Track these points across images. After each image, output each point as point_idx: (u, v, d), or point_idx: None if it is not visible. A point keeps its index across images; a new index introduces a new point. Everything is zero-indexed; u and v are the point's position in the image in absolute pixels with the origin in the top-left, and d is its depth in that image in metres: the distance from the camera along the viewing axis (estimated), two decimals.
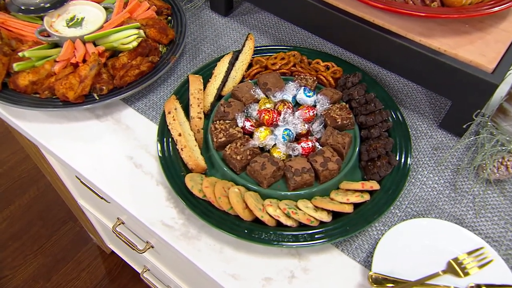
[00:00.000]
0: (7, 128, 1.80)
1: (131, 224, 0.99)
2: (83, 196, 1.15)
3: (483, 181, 0.66)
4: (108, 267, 1.48)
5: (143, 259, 1.19)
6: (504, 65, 0.62)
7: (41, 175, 1.67)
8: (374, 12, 0.69)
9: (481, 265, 0.54)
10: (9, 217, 1.56)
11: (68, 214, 1.57)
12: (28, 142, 1.01)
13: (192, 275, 0.96)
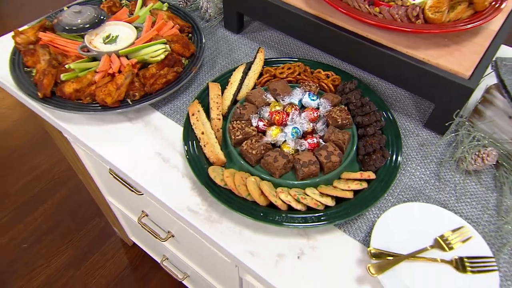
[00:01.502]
0: (43, 135, 1.82)
1: (155, 216, 0.98)
2: (111, 193, 1.15)
3: (463, 172, 0.66)
4: (130, 257, 1.47)
5: (163, 248, 1.18)
6: (478, 72, 0.63)
7: (71, 177, 1.67)
8: (367, 28, 0.70)
9: (463, 240, 0.55)
10: (43, 214, 1.56)
11: (94, 211, 1.57)
12: (65, 144, 1.00)
13: (208, 261, 0.95)
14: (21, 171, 1.69)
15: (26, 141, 1.80)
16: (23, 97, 0.74)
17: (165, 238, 0.97)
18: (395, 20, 0.67)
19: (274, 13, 0.78)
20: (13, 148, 1.77)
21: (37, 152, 1.76)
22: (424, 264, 0.54)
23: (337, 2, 0.68)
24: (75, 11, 0.77)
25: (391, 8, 0.66)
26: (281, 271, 0.55)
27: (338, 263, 0.57)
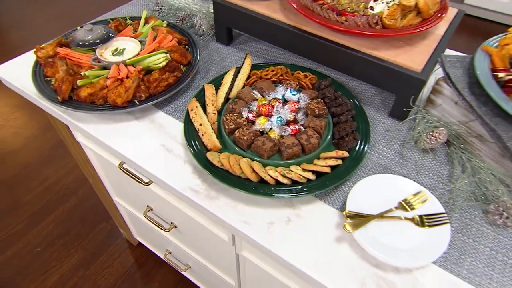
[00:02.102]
0: (52, 150, 1.84)
1: (159, 209, 1.01)
2: (118, 193, 1.17)
3: (421, 150, 0.72)
4: (136, 256, 1.49)
5: (166, 242, 1.20)
6: (428, 67, 0.70)
7: (79, 187, 1.69)
8: (337, 34, 0.76)
9: (422, 201, 0.61)
10: (54, 221, 1.58)
11: (101, 216, 1.59)
12: (78, 149, 1.04)
13: (207, 246, 0.97)
14: (33, 184, 1.71)
15: (36, 156, 1.82)
16: (44, 104, 0.79)
17: (169, 228, 1.00)
18: (359, 26, 0.73)
19: (258, 26, 0.84)
20: (25, 164, 1.79)
21: (47, 166, 1.78)
22: (390, 222, 0.59)
23: (311, 14, 0.75)
24: (87, 29, 0.83)
25: (355, 17, 0.73)
26: (272, 236, 0.59)
27: (320, 227, 0.61)
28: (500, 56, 0.68)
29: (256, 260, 0.78)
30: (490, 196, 0.63)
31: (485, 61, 0.69)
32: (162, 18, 0.96)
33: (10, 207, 1.62)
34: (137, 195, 1.02)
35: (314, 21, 0.74)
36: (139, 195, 1.02)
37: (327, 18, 0.75)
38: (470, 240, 0.59)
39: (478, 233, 0.60)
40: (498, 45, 0.71)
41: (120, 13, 1.04)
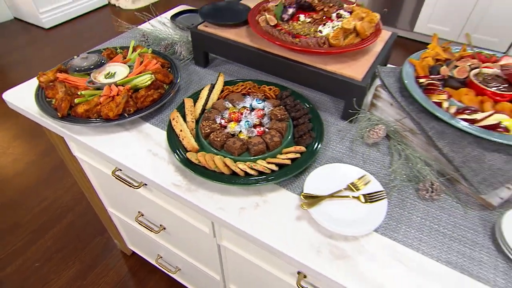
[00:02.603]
0: (50, 173, 1.87)
1: (149, 214, 1.06)
2: (111, 202, 1.21)
3: (367, 145, 0.80)
4: (130, 265, 1.51)
5: (156, 247, 1.24)
6: (367, 77, 0.79)
7: (76, 205, 1.71)
8: (293, 53, 0.85)
9: (365, 183, 0.68)
10: (53, 237, 1.59)
11: (97, 230, 1.62)
12: (76, 165, 1.09)
13: (192, 243, 1.01)
14: (32, 204, 1.73)
15: (35, 179, 1.85)
16: (46, 121, 0.85)
17: (158, 230, 1.05)
18: (310, 46, 0.82)
19: (229, 50, 0.93)
20: (25, 186, 1.81)
21: (45, 187, 1.81)
22: (340, 200, 0.66)
23: (271, 38, 0.84)
24: (83, 57, 0.91)
25: (307, 39, 0.83)
26: (244, 219, 0.65)
27: (283, 210, 0.67)
28: (421, 66, 0.79)
29: (234, 248, 0.84)
30: (420, 176, 0.72)
31: (411, 71, 0.80)
32: (148, 46, 1.05)
33: (11, 227, 1.63)
34: (129, 202, 1.07)
35: (274, 43, 0.84)
36: (130, 202, 1.07)
37: (284, 40, 0.85)
38: (405, 212, 0.67)
39: (411, 206, 0.68)
40: (420, 57, 0.83)
41: (111, 44, 1.12)
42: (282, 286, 0.82)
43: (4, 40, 2.91)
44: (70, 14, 3.20)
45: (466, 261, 0.60)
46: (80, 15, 3.27)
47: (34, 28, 3.09)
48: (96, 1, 3.38)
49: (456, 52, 0.84)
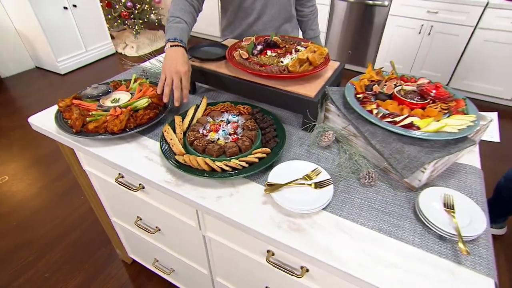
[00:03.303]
0: (62, 193, 1.92)
1: (146, 218, 1.11)
2: (114, 211, 1.27)
3: (320, 148, 0.90)
4: (130, 273, 1.54)
5: (153, 250, 1.28)
6: (319, 94, 0.91)
7: (82, 222, 1.76)
8: (261, 79, 0.96)
9: (317, 174, 0.77)
10: (61, 251, 1.62)
11: (101, 243, 1.66)
12: (85, 178, 1.16)
13: (182, 239, 1.06)
14: (44, 223, 1.77)
15: (47, 201, 1.89)
16: (62, 137, 0.94)
17: (154, 231, 1.11)
18: (273, 73, 0.94)
19: (212, 78, 1.05)
20: (38, 207, 1.86)
21: (56, 208, 1.86)
22: (296, 187, 0.75)
23: (244, 67, 0.96)
24: (94, 87, 1.03)
25: (271, 67, 0.97)
26: (221, 205, 0.73)
27: (252, 197, 0.75)
28: (359, 85, 0.93)
29: (217, 237, 0.91)
30: (360, 169, 0.82)
31: (351, 89, 0.93)
32: (147, 79, 1.17)
33: (25, 243, 1.66)
34: (129, 207, 1.14)
35: (246, 71, 0.97)
36: (130, 207, 1.13)
37: (253, 69, 0.97)
38: (349, 195, 0.76)
39: (354, 191, 0.78)
40: (359, 79, 0.96)
41: (117, 78, 1.23)
42: (256, 265, 0.89)
43: (26, 85, 3.06)
44: (82, 62, 3.39)
45: (393, 228, 0.69)
46: (91, 62, 3.46)
47: (51, 74, 3.25)
48: (105, 51, 3.59)
49: (386, 76, 0.98)
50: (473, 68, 2.80)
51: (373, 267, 0.62)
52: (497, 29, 2.58)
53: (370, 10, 3.05)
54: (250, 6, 1.27)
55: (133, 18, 3.79)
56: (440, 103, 0.84)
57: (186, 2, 1.10)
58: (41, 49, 3.14)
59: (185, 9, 1.08)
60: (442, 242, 0.66)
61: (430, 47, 2.86)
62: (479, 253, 0.63)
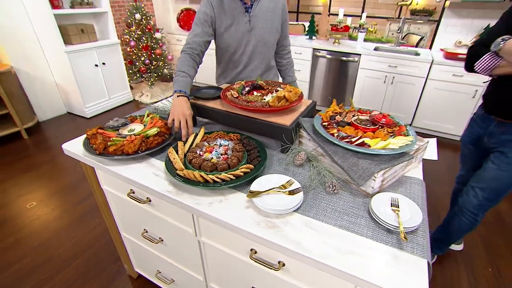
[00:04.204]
0: (81, 216, 1.94)
1: (151, 230, 1.14)
2: (125, 227, 1.29)
3: (296, 166, 0.96)
4: (135, 286, 1.52)
5: (156, 262, 1.28)
6: (293, 124, 1.00)
7: (96, 243, 1.76)
8: (248, 112, 1.05)
9: (290, 184, 0.83)
10: (76, 267, 1.60)
11: (111, 260, 1.64)
12: (101, 195, 1.21)
13: (181, 248, 1.08)
14: (63, 243, 1.76)
15: (67, 223, 1.90)
16: (87, 159, 1.01)
17: (158, 242, 1.14)
18: (257, 108, 1.04)
19: (209, 114, 1.15)
20: (59, 229, 1.86)
21: (74, 229, 1.86)
22: (274, 194, 0.81)
23: (234, 103, 1.08)
24: (115, 120, 1.14)
25: (255, 103, 1.08)
26: (212, 209, 0.79)
27: (237, 203, 0.81)
28: (325, 116, 1.03)
29: (211, 241, 0.95)
30: (326, 181, 0.90)
31: (319, 119, 1.04)
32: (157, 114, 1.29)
33: (44, 261, 1.65)
34: (137, 221, 1.18)
35: (236, 106, 1.08)
36: (138, 221, 1.17)
37: (241, 104, 1.09)
38: (317, 201, 0.82)
39: (321, 197, 0.84)
40: (325, 112, 1.07)
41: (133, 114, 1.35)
42: (243, 265, 0.92)
43: (58, 127, 3.20)
44: (105, 107, 3.56)
45: (351, 225, 0.75)
46: (112, 108, 3.64)
47: (79, 118, 3.40)
48: (125, 98, 3.80)
49: (347, 109, 1.10)
50: (429, 110, 2.97)
51: (334, 255, 0.67)
52: (443, 80, 2.80)
53: (344, 65, 3.30)
54: (238, 59, 1.43)
55: (149, 72, 4.06)
56: (387, 128, 0.94)
57: (190, 58, 1.25)
58: (73, 97, 3.33)
59: (189, 64, 1.23)
60: (389, 234, 0.71)
61: (394, 93, 3.06)
62: (417, 241, 0.68)
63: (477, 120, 1.33)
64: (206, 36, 1.30)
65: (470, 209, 1.33)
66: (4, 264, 1.62)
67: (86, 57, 3.20)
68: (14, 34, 2.90)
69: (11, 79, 2.80)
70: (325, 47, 3.30)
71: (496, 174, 1.22)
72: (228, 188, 0.87)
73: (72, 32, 3.06)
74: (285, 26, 1.45)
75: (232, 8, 1.31)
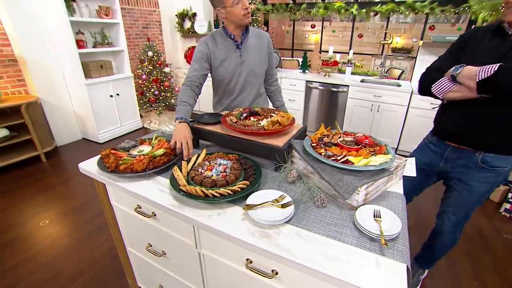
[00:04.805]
0: (87, 234, 1.92)
1: (155, 244, 1.14)
2: (130, 242, 1.28)
3: (288, 183, 0.99)
4: None
5: (159, 276, 1.26)
6: (285, 145, 1.08)
7: (102, 259, 1.73)
8: (246, 135, 1.09)
9: (282, 198, 0.86)
10: (82, 283, 1.57)
11: (116, 276, 1.61)
12: (110, 211, 1.22)
13: (182, 261, 1.07)
14: (71, 259, 1.73)
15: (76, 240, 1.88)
16: (100, 177, 1.05)
17: (160, 255, 1.13)
18: (254, 131, 1.09)
19: (211, 137, 1.19)
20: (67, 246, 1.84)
21: (82, 246, 1.84)
22: (267, 207, 0.83)
23: (234, 127, 1.13)
24: (127, 142, 1.18)
25: (252, 127, 1.13)
26: (211, 221, 0.81)
27: (235, 215, 0.83)
28: (314, 138, 1.08)
29: (210, 253, 0.95)
30: (316, 196, 0.92)
31: (308, 140, 1.08)
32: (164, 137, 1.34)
33: (53, 276, 1.61)
34: (142, 235, 1.18)
35: (234, 130, 1.12)
36: (143, 235, 1.17)
37: (240, 128, 1.14)
38: (307, 214, 0.84)
39: (311, 211, 0.86)
40: (314, 134, 1.12)
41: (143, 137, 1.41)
42: (239, 275, 0.91)
43: (73, 151, 3.26)
44: (117, 133, 3.64)
45: (338, 234, 0.77)
46: (123, 134, 3.72)
47: (93, 143, 3.47)
48: (135, 125, 3.89)
49: (333, 131, 1.15)
50: (413, 135, 3.04)
51: (322, 261, 0.68)
52: (422, 108, 2.90)
53: (335, 95, 3.42)
54: (232, 88, 1.53)
55: (158, 102, 4.19)
56: (369, 148, 0.99)
57: (190, 90, 1.34)
58: (89, 124, 3.42)
59: (189, 95, 1.33)
60: (372, 242, 0.73)
61: (380, 120, 3.14)
62: (397, 248, 0.70)
63: (430, 145, 1.32)
64: (203, 70, 1.42)
65: (447, 230, 1.33)
66: (14, 281, 1.59)
67: (102, 88, 3.33)
68: (43, 69, 3.05)
69: (37, 109, 2.91)
70: (317, 80, 3.44)
71: (460, 200, 1.25)
72: (226, 202, 0.89)
73: (92, 67, 3.22)
74: (271, 58, 1.58)
75: (225, 45, 1.44)
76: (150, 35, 4.43)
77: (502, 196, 2.31)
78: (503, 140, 1.08)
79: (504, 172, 1.15)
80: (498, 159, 1.12)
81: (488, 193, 1.21)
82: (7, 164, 2.68)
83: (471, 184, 1.20)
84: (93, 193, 2.41)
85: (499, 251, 1.83)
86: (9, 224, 2.02)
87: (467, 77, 1.02)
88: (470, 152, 1.16)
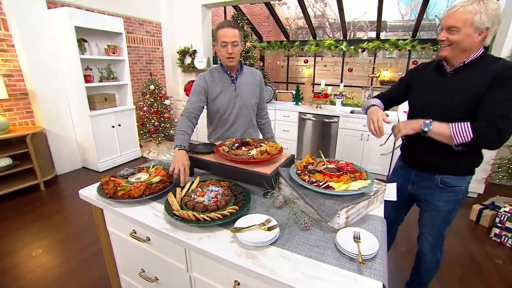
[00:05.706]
0: (81, 262, 1.90)
1: (148, 269, 1.16)
2: (123, 268, 1.29)
3: (275, 208, 1.05)
4: None
5: None
6: (273, 173, 1.11)
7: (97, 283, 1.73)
8: (236, 164, 1.16)
9: (268, 222, 0.92)
10: None
11: None
12: (106, 236, 1.24)
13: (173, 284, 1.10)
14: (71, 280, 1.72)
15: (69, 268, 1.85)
16: (99, 202, 1.10)
17: (153, 280, 1.14)
18: (244, 160, 1.19)
19: (204, 164, 1.27)
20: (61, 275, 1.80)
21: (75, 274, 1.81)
22: (254, 230, 0.88)
23: (225, 156, 1.22)
24: (125, 169, 1.26)
25: (242, 156, 1.22)
26: (201, 243, 0.86)
27: (223, 238, 0.88)
28: (300, 166, 1.16)
29: (201, 276, 0.98)
30: (300, 219, 0.98)
31: (294, 168, 1.16)
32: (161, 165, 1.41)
33: None
34: (136, 261, 1.19)
35: (226, 159, 1.21)
36: (136, 261, 1.18)
37: (231, 157, 1.23)
38: (291, 236, 0.89)
39: (295, 233, 0.91)
40: (300, 162, 1.20)
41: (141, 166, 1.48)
42: None
43: (72, 180, 3.29)
44: (116, 163, 3.70)
45: (319, 255, 0.81)
46: (122, 163, 3.78)
47: (92, 172, 3.51)
48: (134, 155, 3.96)
49: (318, 160, 1.23)
50: None
51: (304, 280, 0.72)
52: None
53: (327, 125, 3.56)
54: (226, 118, 1.65)
55: (158, 133, 4.31)
56: (350, 174, 1.06)
57: (188, 120, 1.45)
58: (90, 153, 3.49)
59: (187, 124, 1.43)
60: (351, 262, 0.78)
61: (370, 149, 3.25)
62: (374, 267, 0.75)
63: (399, 170, 1.42)
64: (201, 102, 1.54)
65: (427, 251, 1.37)
66: None
67: (105, 119, 3.46)
68: (51, 102, 3.20)
69: (41, 139, 3.00)
70: (309, 111, 3.61)
71: (432, 220, 1.31)
72: (216, 226, 0.94)
73: (97, 100, 3.38)
74: (262, 94, 1.74)
75: (221, 80, 1.59)
76: (153, 70, 4.69)
77: (491, 221, 2.33)
78: (455, 163, 1.19)
79: (462, 190, 1.23)
80: (454, 180, 1.21)
81: (454, 211, 1.28)
82: (7, 192, 2.70)
83: (437, 204, 1.27)
84: (88, 221, 2.41)
85: (491, 276, 1.82)
86: (1, 253, 1.99)
87: (440, 135, 1.10)
88: (430, 174, 1.26)
